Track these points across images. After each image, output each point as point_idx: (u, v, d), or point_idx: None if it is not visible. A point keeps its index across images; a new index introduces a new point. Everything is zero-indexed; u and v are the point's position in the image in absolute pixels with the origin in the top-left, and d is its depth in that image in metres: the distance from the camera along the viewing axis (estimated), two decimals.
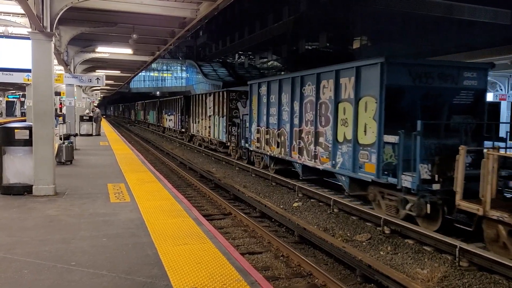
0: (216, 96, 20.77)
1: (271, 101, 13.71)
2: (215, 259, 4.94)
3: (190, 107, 26.04)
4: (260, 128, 14.66)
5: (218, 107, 20.20)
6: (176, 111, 30.50)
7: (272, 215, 9.48)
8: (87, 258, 4.90)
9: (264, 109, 14.21)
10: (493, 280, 6.00)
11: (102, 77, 18.27)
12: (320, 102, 10.85)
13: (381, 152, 8.62)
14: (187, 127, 27.26)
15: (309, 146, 11.48)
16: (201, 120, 23.47)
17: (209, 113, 21.78)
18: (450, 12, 35.54)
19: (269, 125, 13.91)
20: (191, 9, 10.74)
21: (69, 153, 12.78)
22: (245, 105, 17.85)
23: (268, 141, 13.99)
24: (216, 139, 20.78)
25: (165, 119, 36.12)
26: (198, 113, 24.20)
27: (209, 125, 21.80)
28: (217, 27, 60.47)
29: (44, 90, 8.19)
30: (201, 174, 15.28)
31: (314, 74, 11.04)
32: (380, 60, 8.63)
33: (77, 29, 12.54)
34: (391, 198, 8.72)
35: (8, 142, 8.24)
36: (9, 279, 4.28)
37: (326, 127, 10.62)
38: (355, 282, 6.08)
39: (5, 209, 7.11)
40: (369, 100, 8.97)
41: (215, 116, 20.71)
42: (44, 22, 7.99)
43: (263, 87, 14.27)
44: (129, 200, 7.98)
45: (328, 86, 10.51)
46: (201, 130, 23.52)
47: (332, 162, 10.27)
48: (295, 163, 12.41)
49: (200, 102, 23.77)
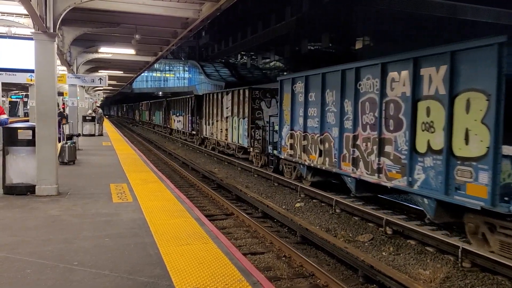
0: (235, 94, 18.57)
1: (309, 100, 11.57)
2: (217, 259, 4.94)
3: (202, 108, 23.92)
4: (294, 132, 12.49)
5: (238, 108, 18.03)
6: (186, 111, 28.47)
7: (274, 216, 9.48)
8: (89, 258, 4.91)
9: (299, 109, 12.06)
10: (495, 281, 5.99)
11: (104, 78, 18.31)
12: (386, 101, 8.55)
13: (498, 169, 6.29)
14: (198, 129, 25.30)
15: (368, 157, 9.12)
16: (216, 122, 21.32)
17: (226, 114, 19.69)
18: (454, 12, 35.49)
19: (307, 129, 11.72)
20: (193, 10, 10.74)
21: (72, 153, 12.81)
22: (270, 105, 16.35)
23: (306, 148, 11.77)
24: (235, 144, 18.59)
25: (172, 120, 34.05)
26: (212, 114, 22.06)
27: (226, 128, 19.60)
28: (219, 28, 60.55)
29: (47, 91, 8.21)
30: (204, 174, 15.28)
31: (378, 64, 8.84)
32: (498, 40, 6.35)
33: (80, 29, 12.56)
34: (509, 234, 6.31)
35: (11, 142, 8.27)
36: (12, 279, 4.30)
37: (396, 132, 8.25)
38: (357, 282, 6.08)
39: (8, 209, 7.14)
40: (475, 97, 6.64)
41: (233, 118, 18.67)
42: (47, 22, 8.01)
43: (299, 83, 12.11)
44: (131, 200, 7.99)
45: (399, 79, 8.23)
46: (216, 133, 21.34)
47: (408, 179, 7.85)
48: (346, 176, 9.96)
49: (215, 102, 21.57)
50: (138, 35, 13.03)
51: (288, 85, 12.83)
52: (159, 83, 72.55)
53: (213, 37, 66.92)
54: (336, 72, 10.34)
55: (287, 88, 12.94)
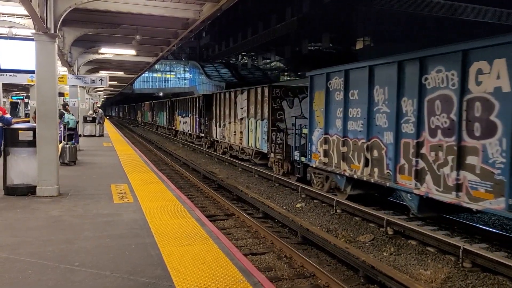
0: (251, 94, 16.51)
1: (351, 99, 9.87)
2: (218, 259, 4.94)
3: (213, 108, 21.87)
4: (329, 136, 10.76)
5: (255, 108, 16.05)
6: (193, 112, 26.46)
7: (275, 216, 9.48)
8: (90, 258, 4.91)
9: (337, 110, 10.34)
10: (496, 281, 5.98)
11: (105, 78, 18.32)
12: (469, 98, 6.86)
13: None
14: (207, 131, 23.17)
15: (439, 169, 7.40)
16: (229, 124, 19.22)
17: (240, 115, 17.65)
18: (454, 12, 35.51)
19: (347, 133, 10.02)
20: (194, 10, 10.75)
21: (73, 154, 12.82)
22: (292, 104, 14.61)
23: (346, 156, 10.03)
24: (251, 148, 16.61)
25: (178, 121, 31.78)
26: (223, 115, 20.00)
27: (241, 130, 17.57)
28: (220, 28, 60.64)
29: (47, 91, 8.22)
30: (204, 175, 15.29)
31: (458, 52, 7.02)
32: None
33: (81, 30, 12.56)
34: None
35: (12, 143, 8.28)
36: (13, 279, 4.30)
37: (485, 139, 6.58)
38: (358, 283, 6.07)
39: (9, 210, 7.14)
40: None
41: (249, 119, 16.68)
42: (47, 23, 8.02)
43: (336, 78, 10.42)
44: (132, 200, 8.00)
45: (491, 70, 6.53)
46: (229, 135, 19.24)
47: (508, 201, 6.21)
48: (405, 193, 8.32)
49: (227, 102, 19.51)
50: (139, 35, 13.03)
51: (321, 81, 11.02)
52: (160, 83, 72.60)
53: (213, 37, 67.00)
54: (390, 65, 8.68)
55: (319, 85, 11.14)
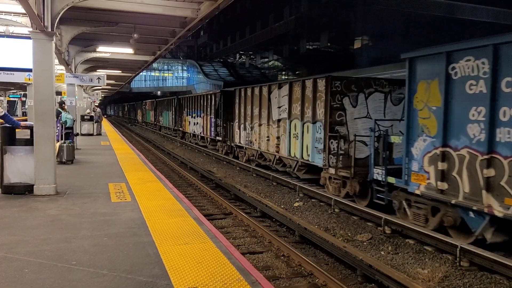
0: (296, 88, 12.82)
1: (505, 92, 6.35)
2: (215, 258, 4.94)
3: (235, 107, 18.19)
4: (451, 150, 7.25)
5: (302, 107, 12.40)
6: (206, 111, 22.91)
7: (273, 215, 9.48)
8: (88, 257, 4.90)
9: (471, 109, 6.85)
10: (493, 280, 6.00)
11: (103, 77, 18.30)
12: None
13: None
14: (226, 134, 19.70)
15: None
16: (258, 127, 15.48)
17: (277, 115, 14.02)
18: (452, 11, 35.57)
19: (497, 147, 6.46)
20: (192, 9, 10.74)
21: (70, 152, 12.79)
22: (356, 102, 11.06)
23: (494, 185, 6.49)
24: (294, 159, 12.88)
25: (187, 122, 27.96)
26: (250, 116, 16.31)
27: (278, 135, 13.96)
28: (218, 27, 60.64)
29: (45, 90, 8.19)
30: (202, 174, 15.28)
31: None
32: None
33: (78, 28, 12.53)
34: None
35: (9, 142, 8.25)
36: (10, 278, 4.29)
37: None
38: (355, 282, 6.08)
39: (6, 209, 7.12)
40: None
41: (292, 121, 13.04)
42: (45, 21, 7.99)
43: (469, 60, 6.93)
44: (130, 199, 7.98)
45: None
46: (258, 141, 15.57)
47: None
48: None
49: (256, 99, 15.75)
50: (137, 34, 13.02)
51: (432, 65, 7.70)
52: (158, 82, 72.53)
53: (211, 36, 66.96)
54: None
55: (428, 72, 7.78)
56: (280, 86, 13.97)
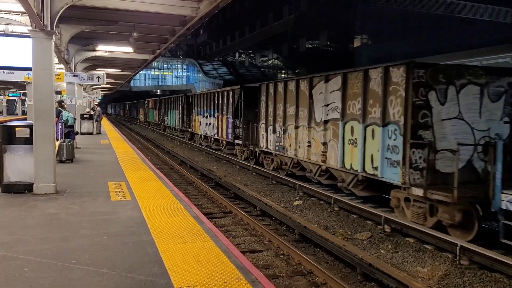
0: (355, 79, 10.00)
1: None
2: (215, 257, 4.94)
3: (261, 105, 15.32)
4: None
5: (365, 104, 9.55)
6: (222, 111, 20.15)
7: (272, 214, 9.48)
8: (87, 256, 4.90)
9: None
10: (493, 279, 6.00)
11: (102, 76, 18.31)
12: None
13: None
14: (247, 137, 17.12)
15: None
16: (295, 129, 12.61)
17: (324, 115, 11.08)
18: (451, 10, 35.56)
19: None
20: (191, 7, 10.73)
21: (70, 151, 12.78)
22: (445, 97, 8.33)
23: None
24: (352, 172, 10.00)
25: (197, 122, 25.27)
26: (283, 116, 13.43)
27: (324, 140, 11.05)
28: (217, 26, 60.61)
29: (44, 89, 8.19)
30: (202, 172, 15.27)
31: None
32: None
33: (78, 27, 12.53)
34: None
35: (9, 141, 8.25)
36: (10, 277, 4.28)
37: None
38: (355, 280, 6.08)
39: (6, 207, 7.12)
40: None
41: (347, 123, 10.19)
42: (44, 20, 7.99)
43: None
44: (129, 198, 7.98)
45: None
46: (295, 147, 12.68)
47: None
48: None
49: (292, 96, 12.87)
50: (136, 33, 13.02)
51: None
52: (157, 81, 72.54)
53: (211, 35, 66.95)
54: None
55: None
56: (328, 78, 11.02)
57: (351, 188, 10.21)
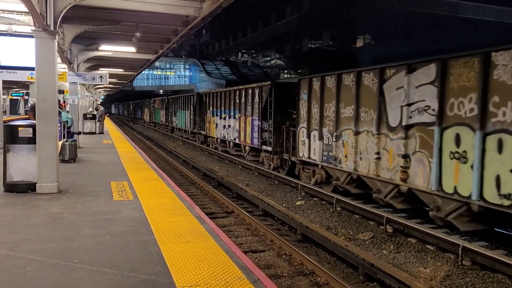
0: (463, 67, 7.24)
1: None
2: (217, 257, 4.94)
3: (300, 105, 12.39)
4: None
5: (485, 102, 6.79)
6: (246, 111, 17.16)
7: (275, 214, 9.49)
8: (90, 255, 4.91)
9: None
10: (496, 279, 5.99)
11: (105, 75, 18.30)
12: None
13: None
14: (279, 142, 14.19)
15: None
16: (355, 136, 9.83)
17: (404, 118, 8.39)
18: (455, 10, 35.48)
19: None
20: (194, 7, 10.74)
21: (73, 151, 12.81)
22: None
23: None
24: (460, 199, 7.17)
25: (212, 124, 22.29)
26: (336, 118, 10.59)
27: (406, 151, 8.32)
28: (220, 26, 60.61)
29: (47, 88, 8.21)
30: (204, 172, 15.29)
31: None
32: None
33: (81, 27, 12.56)
34: None
35: (12, 140, 8.27)
36: (13, 276, 4.30)
37: None
38: (357, 280, 6.08)
39: (9, 207, 7.14)
40: None
41: (447, 130, 7.51)
42: (47, 20, 8.01)
43: None
44: (132, 198, 8.00)
45: None
46: (353, 158, 9.87)
47: None
48: None
49: (347, 93, 10.19)
50: (139, 33, 13.03)
51: None
52: (160, 81, 72.59)
53: (213, 35, 66.95)
54: None
55: None
56: (412, 68, 8.26)
57: (452, 219, 7.42)
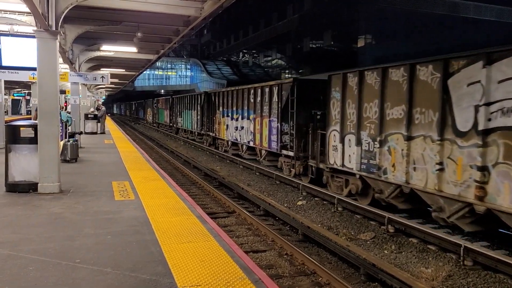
0: None
1: None
2: (219, 257, 4.95)
3: (331, 104, 10.81)
4: None
5: None
6: (262, 111, 15.60)
7: (276, 214, 9.49)
8: (91, 255, 4.92)
9: None
10: (497, 280, 5.98)
11: (107, 76, 18.32)
12: None
13: None
14: (301, 147, 12.82)
15: None
16: (406, 142, 8.26)
17: (481, 121, 6.73)
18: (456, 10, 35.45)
19: None
20: (195, 8, 10.74)
21: (74, 151, 12.83)
22: None
23: None
24: None
25: (222, 125, 20.65)
26: (379, 120, 9.04)
27: (483, 163, 6.68)
28: (221, 26, 60.63)
29: (49, 88, 8.23)
30: (205, 172, 15.29)
31: None
32: None
33: (82, 27, 12.57)
34: None
35: (14, 140, 8.28)
36: (15, 276, 4.31)
37: None
38: (359, 281, 6.08)
39: (10, 207, 7.16)
40: None
41: None
42: (49, 20, 8.02)
43: None
44: (133, 198, 8.00)
45: None
46: (404, 168, 8.28)
47: None
48: None
49: (393, 90, 8.70)
50: (140, 33, 13.03)
51: None
52: (161, 81, 72.63)
53: (215, 35, 66.98)
54: None
55: None
56: (493, 59, 6.57)
57: None
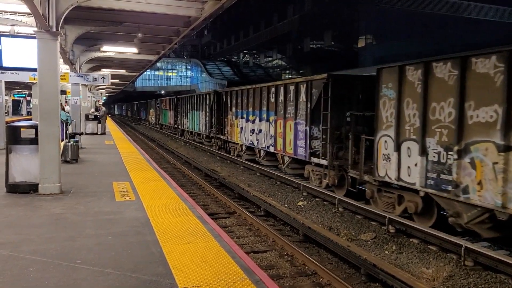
0: None
1: None
2: (219, 257, 4.95)
3: (382, 104, 8.77)
4: None
5: None
6: (286, 112, 13.43)
7: (276, 214, 9.48)
8: (92, 256, 4.92)
9: None
10: (498, 280, 5.97)
11: (107, 76, 18.30)
12: None
13: None
14: (333, 153, 10.91)
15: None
16: (501, 154, 6.18)
17: None
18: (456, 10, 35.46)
19: None
20: (196, 8, 10.74)
21: (75, 151, 12.83)
22: None
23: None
24: None
25: (235, 128, 18.61)
26: (452, 125, 7.09)
27: None
28: (222, 26, 60.67)
29: (49, 89, 8.23)
30: (206, 173, 15.29)
31: None
32: None
33: (83, 28, 12.57)
34: None
35: (14, 141, 8.29)
36: (15, 277, 4.31)
37: None
38: (359, 281, 6.07)
39: (11, 207, 7.16)
40: None
41: None
42: (50, 21, 8.02)
43: None
44: (134, 198, 8.01)
45: None
46: (501, 188, 6.18)
47: None
48: None
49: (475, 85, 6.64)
50: (141, 33, 13.03)
51: None
52: (162, 81, 72.70)
53: (215, 35, 67.06)
54: None
55: None
56: None
57: None
